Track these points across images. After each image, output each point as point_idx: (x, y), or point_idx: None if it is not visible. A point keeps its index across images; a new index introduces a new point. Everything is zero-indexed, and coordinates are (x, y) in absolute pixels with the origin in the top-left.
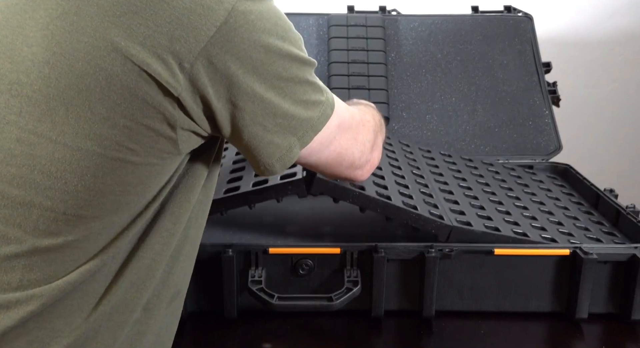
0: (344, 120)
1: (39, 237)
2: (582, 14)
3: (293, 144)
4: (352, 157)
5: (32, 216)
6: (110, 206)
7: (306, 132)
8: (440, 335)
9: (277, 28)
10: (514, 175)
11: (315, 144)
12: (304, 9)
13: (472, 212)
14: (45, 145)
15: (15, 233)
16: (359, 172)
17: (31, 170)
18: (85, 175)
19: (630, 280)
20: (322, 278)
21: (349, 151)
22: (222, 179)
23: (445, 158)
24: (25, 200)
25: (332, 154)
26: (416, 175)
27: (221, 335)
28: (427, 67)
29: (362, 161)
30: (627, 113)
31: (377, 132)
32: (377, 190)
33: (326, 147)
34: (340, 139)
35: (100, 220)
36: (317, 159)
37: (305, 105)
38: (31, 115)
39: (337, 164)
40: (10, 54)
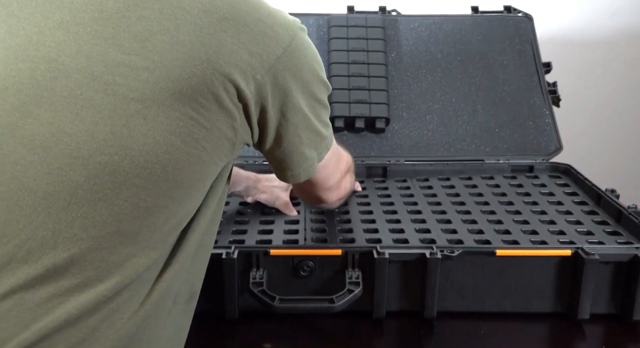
0: (335, 145)
1: (122, 221)
2: (582, 14)
3: (315, 158)
4: (334, 181)
5: (118, 201)
6: (179, 198)
7: (324, 149)
8: (442, 336)
9: (317, 56)
10: (514, 184)
11: (322, 162)
12: (304, 9)
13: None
14: (137, 139)
15: (102, 215)
16: (331, 194)
17: (122, 159)
18: (168, 167)
19: (631, 280)
20: (324, 280)
21: (334, 175)
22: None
23: (442, 183)
24: (114, 186)
25: (325, 173)
26: (409, 204)
27: (222, 336)
28: (427, 68)
29: (336, 186)
30: (628, 113)
31: (349, 166)
32: (367, 237)
33: (323, 166)
34: (332, 162)
35: (168, 211)
36: (316, 175)
37: (324, 125)
38: (125, 111)
39: (322, 185)
40: (103, 59)
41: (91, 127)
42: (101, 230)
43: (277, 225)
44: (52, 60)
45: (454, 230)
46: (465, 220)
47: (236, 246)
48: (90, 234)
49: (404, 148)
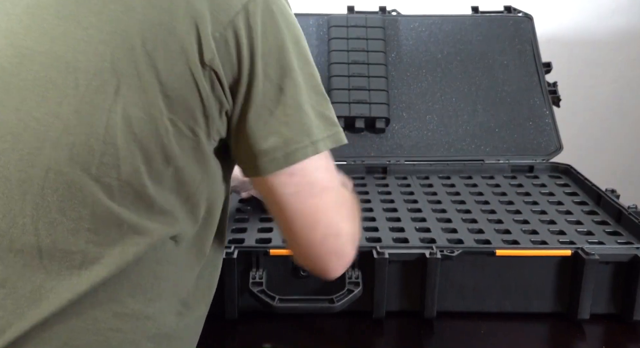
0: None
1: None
2: (582, 14)
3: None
4: (329, 226)
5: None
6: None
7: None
8: (442, 336)
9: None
10: (515, 184)
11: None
12: (304, 9)
13: (465, 230)
14: (101, 115)
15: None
16: (332, 258)
17: (88, 137)
18: (134, 142)
19: (631, 280)
20: (323, 280)
21: (328, 216)
22: None
23: (443, 181)
24: (84, 167)
25: (309, 201)
26: (409, 202)
27: (222, 336)
28: (427, 68)
29: (337, 244)
30: (628, 113)
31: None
32: (367, 236)
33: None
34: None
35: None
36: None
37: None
38: (87, 88)
39: (309, 225)
40: (65, 39)
41: (56, 108)
42: (80, 211)
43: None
44: (18, 45)
45: (454, 229)
46: (466, 220)
47: (236, 246)
48: (69, 217)
49: (404, 148)
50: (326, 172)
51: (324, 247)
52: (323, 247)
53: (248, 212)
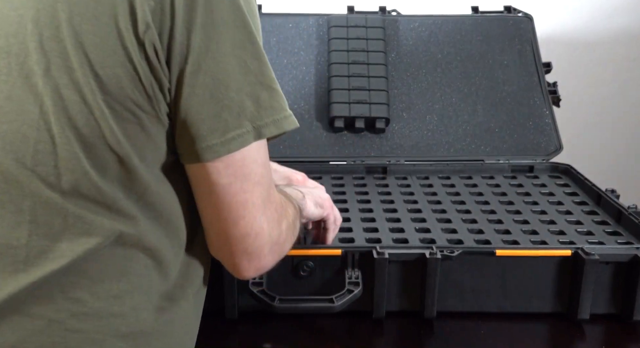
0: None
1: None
2: (582, 14)
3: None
4: (251, 226)
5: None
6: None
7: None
8: (442, 336)
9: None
10: (515, 184)
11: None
12: (304, 10)
13: (465, 230)
14: (32, 100)
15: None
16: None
17: (20, 125)
18: (69, 126)
19: (632, 280)
20: (323, 280)
21: (253, 213)
22: None
23: (443, 181)
24: (22, 157)
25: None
26: (409, 203)
27: (222, 337)
28: (427, 68)
29: (255, 246)
30: (628, 113)
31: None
32: (367, 237)
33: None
34: (256, 184)
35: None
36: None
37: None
38: (19, 72)
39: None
40: (1, 24)
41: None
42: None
43: None
44: None
45: (453, 229)
46: (466, 220)
47: None
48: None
49: (404, 148)
50: (262, 167)
51: (240, 245)
52: (240, 245)
53: None
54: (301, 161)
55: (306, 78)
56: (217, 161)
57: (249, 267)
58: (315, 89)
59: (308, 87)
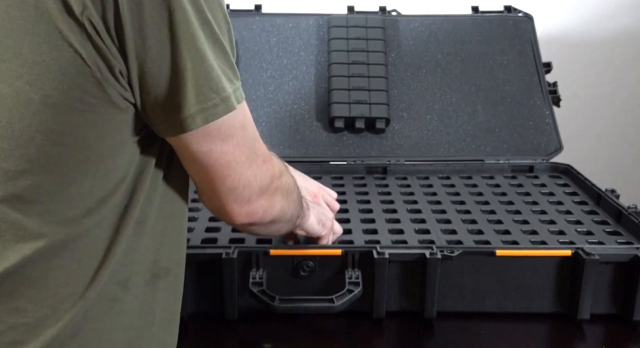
0: (248, 127)
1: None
2: (582, 14)
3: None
4: (239, 179)
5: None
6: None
7: (228, 96)
8: (442, 336)
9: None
10: (515, 184)
11: (217, 126)
12: (304, 10)
13: (465, 231)
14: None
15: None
16: (236, 207)
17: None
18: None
19: (632, 280)
20: (323, 280)
21: (240, 169)
22: None
23: (443, 181)
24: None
25: (223, 157)
26: (409, 203)
27: (222, 337)
28: (427, 68)
29: (243, 194)
30: (628, 113)
31: (275, 181)
32: (366, 238)
33: (221, 140)
34: (237, 145)
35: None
36: (208, 150)
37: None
38: None
39: (220, 177)
40: None
41: None
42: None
43: None
44: None
45: (453, 230)
46: (465, 220)
47: (236, 246)
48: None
49: (404, 148)
50: (241, 129)
51: (230, 197)
52: (230, 196)
53: None
54: (301, 161)
55: (306, 78)
56: (194, 132)
57: (240, 212)
58: (315, 89)
59: (308, 87)
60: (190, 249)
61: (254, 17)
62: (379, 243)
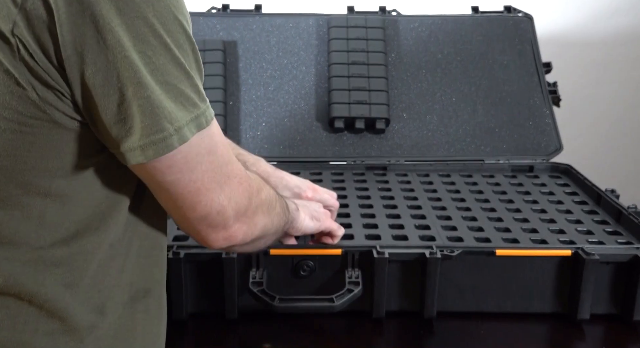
0: (218, 152)
1: None
2: (582, 14)
3: (169, 133)
4: (210, 205)
5: None
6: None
7: (182, 126)
8: (442, 336)
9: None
10: (515, 183)
11: (180, 156)
12: (304, 10)
13: (465, 228)
14: None
15: None
16: (210, 232)
17: None
18: None
19: (632, 280)
20: (323, 280)
21: (209, 196)
22: None
23: (443, 178)
24: None
25: (190, 185)
26: (409, 199)
27: (222, 336)
28: (427, 68)
29: (217, 220)
30: (628, 113)
31: (253, 200)
32: (366, 233)
33: (188, 170)
34: (205, 171)
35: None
36: (174, 180)
37: (178, 93)
38: None
39: (190, 205)
40: None
41: None
42: None
43: None
44: None
45: (453, 227)
46: (465, 218)
47: None
48: None
49: (404, 148)
50: (209, 155)
51: (204, 222)
52: (203, 222)
53: None
54: (301, 161)
55: (306, 78)
56: (155, 163)
57: (217, 238)
58: (315, 89)
59: (308, 87)
60: (190, 249)
61: (254, 17)
62: (380, 238)
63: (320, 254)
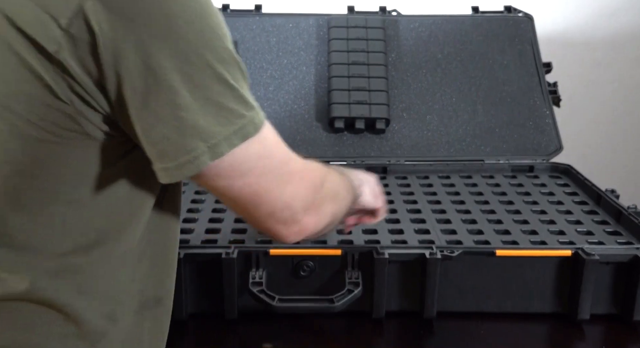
0: (272, 154)
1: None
2: (582, 14)
3: (200, 151)
4: (274, 205)
5: None
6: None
7: (219, 142)
8: (442, 336)
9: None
10: (515, 183)
11: (225, 165)
12: (304, 10)
13: (465, 231)
14: None
15: None
16: (281, 228)
17: None
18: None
19: (632, 281)
20: (323, 280)
21: (270, 196)
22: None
23: (442, 180)
24: None
25: (246, 189)
26: (409, 202)
27: (222, 337)
28: (427, 68)
29: (285, 216)
30: (628, 113)
31: (318, 191)
32: (366, 238)
33: (239, 176)
34: (260, 175)
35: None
36: (227, 185)
37: (219, 108)
38: None
39: (252, 206)
40: None
41: None
42: None
43: None
44: None
45: (453, 230)
46: (465, 220)
47: (236, 246)
48: None
49: (404, 148)
50: (262, 159)
51: (271, 219)
52: (270, 219)
53: None
54: None
55: (306, 78)
56: (200, 174)
57: (289, 233)
58: (315, 89)
59: (308, 87)
60: (190, 249)
61: (254, 17)
62: (379, 243)
63: (320, 254)
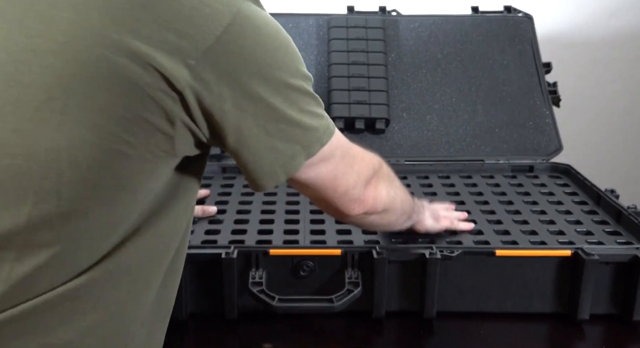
0: (340, 142)
1: (36, 230)
2: (582, 14)
3: (297, 153)
4: (347, 184)
5: (26, 209)
6: (104, 200)
7: (312, 142)
8: (442, 336)
9: (278, 34)
10: (515, 183)
11: (317, 158)
12: (304, 10)
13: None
14: (43, 135)
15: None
16: (351, 205)
17: (27, 160)
18: (81, 166)
19: (632, 281)
20: (323, 280)
21: (345, 177)
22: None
23: (442, 181)
24: (20, 193)
25: (329, 174)
26: None
27: (222, 337)
28: (427, 68)
29: (355, 193)
30: (628, 113)
31: (376, 172)
32: (365, 239)
33: (325, 164)
34: (339, 160)
35: (92, 217)
36: (315, 175)
37: (310, 115)
38: (29, 104)
39: (332, 187)
40: (6, 45)
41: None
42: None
43: (277, 225)
44: None
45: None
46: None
47: (236, 246)
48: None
49: (404, 148)
50: (336, 149)
51: (345, 198)
52: (345, 197)
53: (248, 214)
54: None
55: None
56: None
57: (355, 207)
58: (315, 89)
59: None
60: (190, 249)
61: None
62: (379, 243)
63: (320, 254)
